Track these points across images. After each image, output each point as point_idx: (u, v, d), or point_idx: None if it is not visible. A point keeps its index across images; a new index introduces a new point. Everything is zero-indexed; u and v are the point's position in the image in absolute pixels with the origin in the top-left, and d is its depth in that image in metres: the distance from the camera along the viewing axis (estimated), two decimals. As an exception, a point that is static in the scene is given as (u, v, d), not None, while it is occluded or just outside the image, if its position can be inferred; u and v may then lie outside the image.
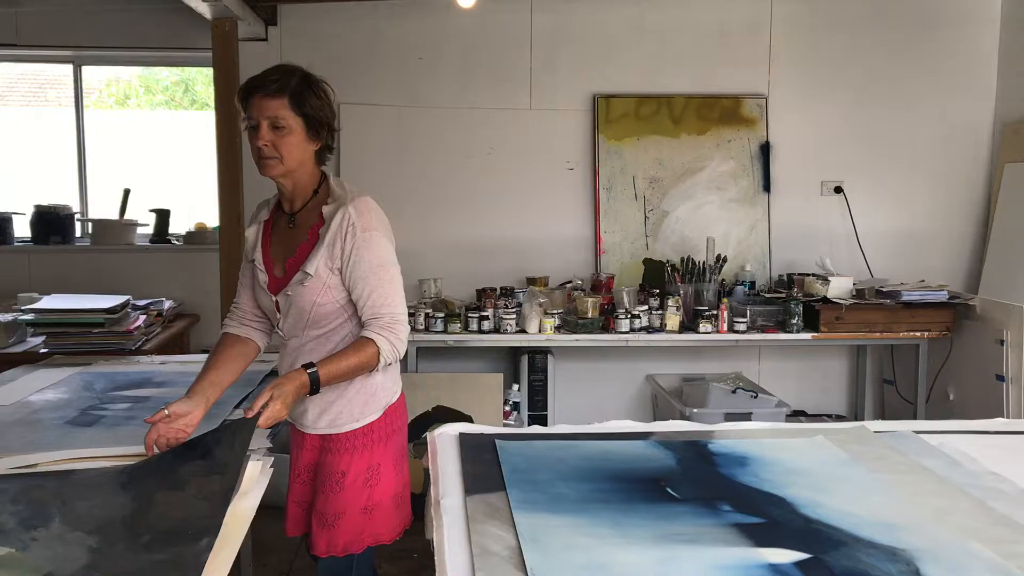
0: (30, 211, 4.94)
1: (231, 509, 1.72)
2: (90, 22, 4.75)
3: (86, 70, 5.09)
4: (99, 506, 1.85)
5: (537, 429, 2.26)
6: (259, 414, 1.96)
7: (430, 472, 1.90)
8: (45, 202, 4.97)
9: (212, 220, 4.86)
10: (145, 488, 1.92)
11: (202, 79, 5.60)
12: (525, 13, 4.78)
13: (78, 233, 5.07)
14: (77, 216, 5.05)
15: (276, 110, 2.05)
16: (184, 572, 1.63)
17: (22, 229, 4.99)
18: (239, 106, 2.12)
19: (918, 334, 4.34)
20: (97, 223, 4.99)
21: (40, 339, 3.88)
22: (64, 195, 5.10)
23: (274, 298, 2.18)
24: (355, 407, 2.17)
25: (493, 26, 4.77)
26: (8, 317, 3.90)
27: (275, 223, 2.25)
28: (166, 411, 2.02)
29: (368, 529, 2.17)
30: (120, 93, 5.79)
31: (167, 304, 4.48)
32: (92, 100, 5.32)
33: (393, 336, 2.10)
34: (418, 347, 4.28)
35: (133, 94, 5.86)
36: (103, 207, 5.13)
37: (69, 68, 5.02)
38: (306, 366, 2.05)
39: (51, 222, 4.91)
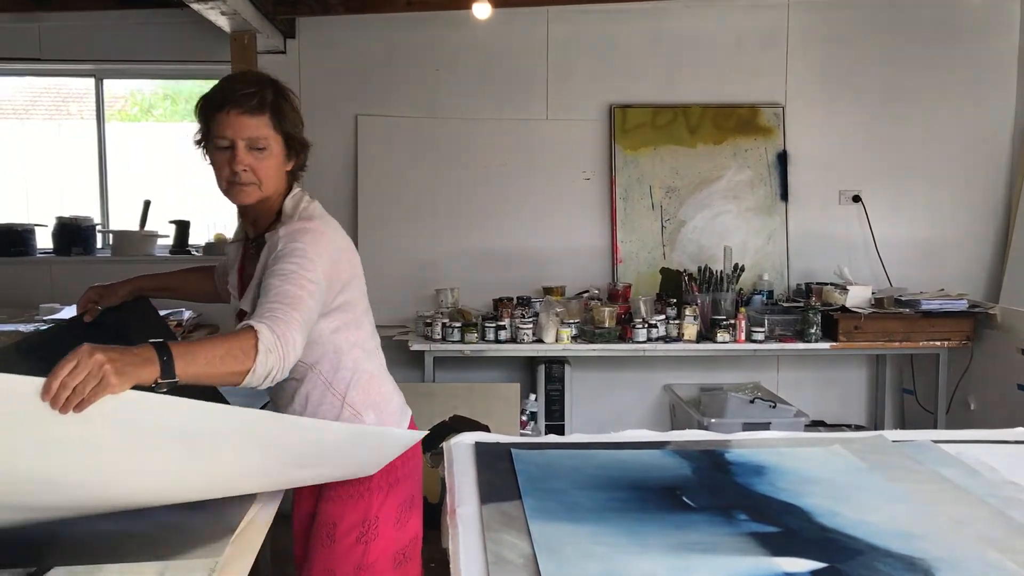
0: (52, 223, 5.00)
1: (249, 518, 1.73)
2: (111, 36, 4.82)
3: (108, 82, 5.16)
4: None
5: (552, 438, 2.25)
6: None
7: (446, 481, 1.90)
8: (67, 214, 5.03)
9: (231, 231, 4.89)
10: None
11: (223, 91, 5.64)
12: (541, 24, 4.80)
13: (99, 244, 5.13)
14: (98, 227, 5.11)
15: (257, 130, 1.73)
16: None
17: (44, 240, 5.05)
18: (198, 120, 1.80)
19: (938, 343, 4.31)
20: (118, 234, 5.04)
21: (61, 349, 3.91)
22: (86, 207, 5.16)
23: None
24: None
25: (509, 37, 4.80)
26: (30, 327, 3.94)
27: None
28: (99, 307, 2.03)
29: None
30: (144, 104, 5.85)
31: (187, 314, 4.51)
32: (115, 111, 5.38)
33: (282, 326, 1.55)
34: (435, 356, 4.30)
35: (158, 105, 5.91)
36: (124, 219, 5.18)
37: (91, 81, 5.09)
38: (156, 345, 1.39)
39: (72, 233, 4.97)
